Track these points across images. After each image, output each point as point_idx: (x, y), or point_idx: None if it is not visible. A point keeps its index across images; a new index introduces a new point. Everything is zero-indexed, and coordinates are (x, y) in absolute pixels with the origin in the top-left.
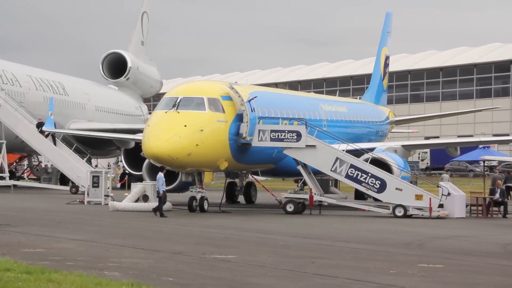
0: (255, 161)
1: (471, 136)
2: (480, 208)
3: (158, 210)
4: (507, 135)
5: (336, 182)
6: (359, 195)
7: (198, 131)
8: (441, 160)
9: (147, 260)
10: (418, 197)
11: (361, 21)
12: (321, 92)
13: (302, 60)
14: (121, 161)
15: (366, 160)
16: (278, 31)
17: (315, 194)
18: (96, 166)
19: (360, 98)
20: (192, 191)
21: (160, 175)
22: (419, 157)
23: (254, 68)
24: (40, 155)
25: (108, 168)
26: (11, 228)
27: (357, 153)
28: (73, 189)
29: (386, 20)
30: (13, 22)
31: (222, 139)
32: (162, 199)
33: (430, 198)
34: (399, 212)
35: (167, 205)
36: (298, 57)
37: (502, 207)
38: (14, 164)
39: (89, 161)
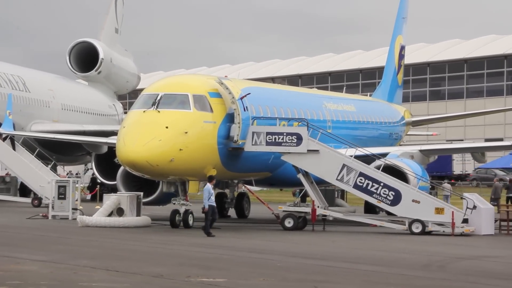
0: (248, 168)
1: (501, 139)
2: (511, 223)
3: (205, 229)
4: None
5: (342, 193)
6: (370, 208)
7: (182, 133)
8: None
9: (121, 284)
10: (439, 210)
11: (371, 5)
12: (325, 88)
13: (303, 51)
14: (91, 168)
15: (378, 168)
16: (275, 17)
17: (318, 207)
18: (68, 174)
19: (370, 95)
20: (174, 203)
21: (208, 186)
22: None
23: (247, 60)
24: None
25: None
26: None
27: (367, 159)
28: (36, 202)
29: (401, 4)
30: None
31: (209, 143)
32: (208, 215)
33: (452, 212)
34: (417, 228)
35: (144, 220)
36: (298, 47)
37: None
38: None
39: (54, 169)
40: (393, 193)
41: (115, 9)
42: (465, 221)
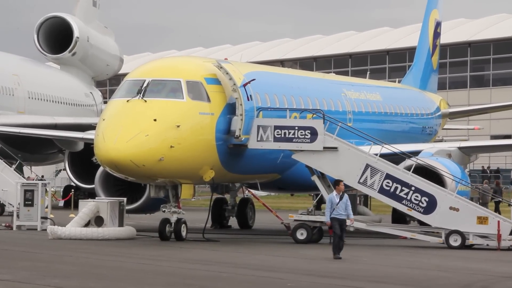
0: (253, 169)
1: None
2: None
3: (337, 248)
4: None
5: (366, 199)
6: (399, 217)
7: (174, 127)
8: None
9: None
10: (482, 220)
11: None
12: (346, 73)
13: (319, 29)
14: (64, 169)
15: (409, 168)
16: None
17: None
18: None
19: (399, 81)
20: (164, 211)
21: (332, 195)
22: None
23: (251, 40)
24: None
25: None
26: None
27: (395, 158)
28: None
29: None
30: None
31: (206, 138)
32: (342, 231)
33: (498, 222)
34: (455, 241)
35: (127, 231)
36: (312, 24)
37: None
38: None
39: (19, 169)
40: (427, 199)
41: None
42: None
